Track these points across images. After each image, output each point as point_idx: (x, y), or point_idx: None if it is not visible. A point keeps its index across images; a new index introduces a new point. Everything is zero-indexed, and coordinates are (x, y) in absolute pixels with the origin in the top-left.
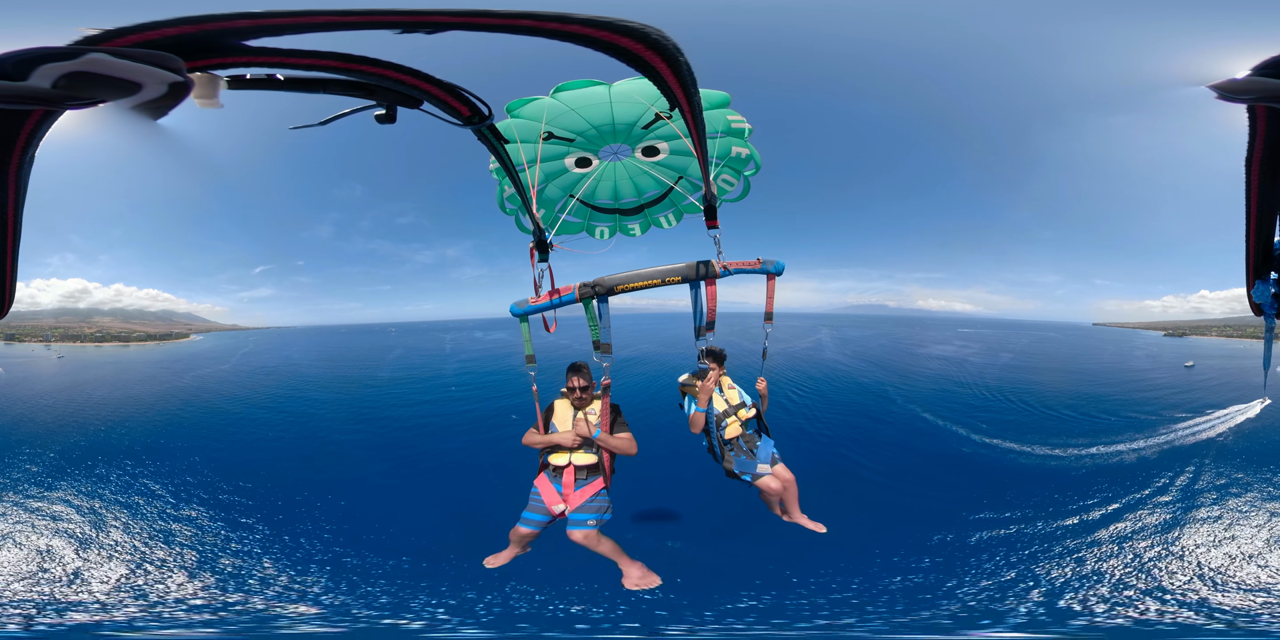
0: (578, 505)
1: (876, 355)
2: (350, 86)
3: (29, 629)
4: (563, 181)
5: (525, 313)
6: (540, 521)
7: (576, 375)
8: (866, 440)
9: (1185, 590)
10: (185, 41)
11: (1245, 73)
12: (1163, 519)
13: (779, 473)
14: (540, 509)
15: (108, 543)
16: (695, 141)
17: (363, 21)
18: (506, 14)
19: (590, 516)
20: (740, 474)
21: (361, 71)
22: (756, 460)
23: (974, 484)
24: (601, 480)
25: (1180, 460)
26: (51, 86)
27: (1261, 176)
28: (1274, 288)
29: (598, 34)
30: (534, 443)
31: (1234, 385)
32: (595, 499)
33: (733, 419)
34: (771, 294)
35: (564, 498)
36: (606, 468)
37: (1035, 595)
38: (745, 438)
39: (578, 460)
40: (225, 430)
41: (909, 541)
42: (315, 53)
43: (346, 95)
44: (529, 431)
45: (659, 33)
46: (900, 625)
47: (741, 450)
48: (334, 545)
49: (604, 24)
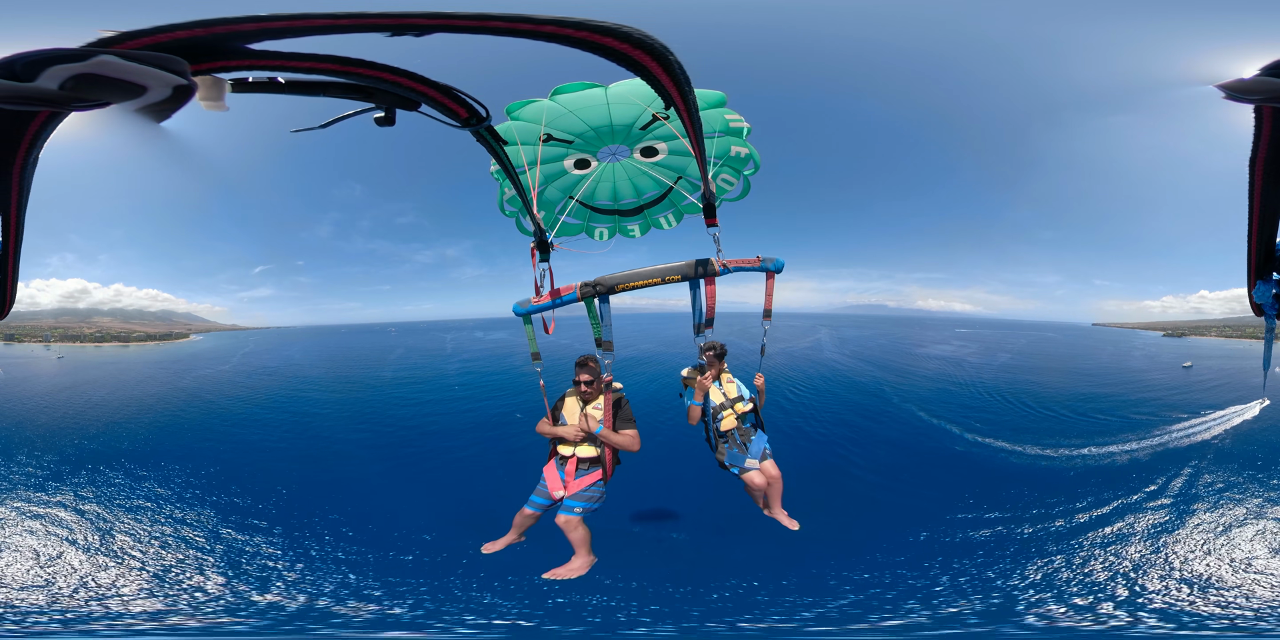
0: (573, 493)
1: (874, 355)
2: (349, 89)
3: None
4: (562, 183)
5: (528, 312)
6: (541, 505)
7: (583, 370)
8: (860, 438)
9: (1173, 595)
10: (192, 45)
11: (1254, 73)
12: (1154, 522)
13: (766, 469)
14: (544, 493)
15: (120, 548)
16: (692, 139)
17: (358, 24)
18: (488, 17)
19: (579, 505)
20: (730, 466)
21: (359, 74)
22: (748, 454)
23: (963, 483)
24: (600, 472)
25: (1176, 462)
26: (59, 88)
27: (1265, 177)
28: (1275, 288)
29: (582, 35)
30: (544, 432)
31: (1232, 386)
32: (590, 489)
33: (729, 412)
34: (770, 292)
35: (564, 484)
36: (608, 462)
37: (994, 597)
38: (740, 431)
39: (581, 452)
40: (228, 432)
41: (889, 539)
42: (314, 56)
43: (346, 98)
44: (542, 421)
45: (640, 32)
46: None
47: (735, 443)
48: (357, 546)
49: (587, 26)
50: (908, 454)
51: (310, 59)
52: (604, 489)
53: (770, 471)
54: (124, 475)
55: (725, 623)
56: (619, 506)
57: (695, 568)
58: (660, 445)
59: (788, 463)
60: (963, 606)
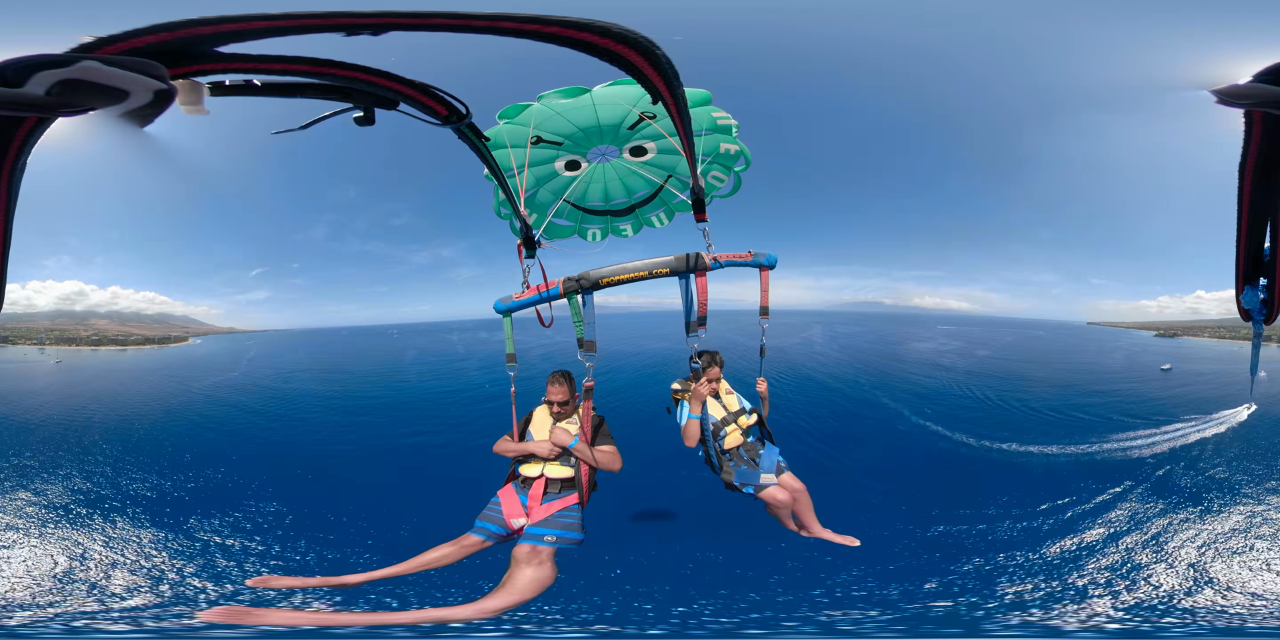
0: (539, 520)
1: (860, 348)
2: (325, 90)
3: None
4: (554, 185)
5: (509, 309)
6: (494, 533)
7: (555, 386)
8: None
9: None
10: (165, 49)
11: (1247, 79)
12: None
13: (786, 482)
14: (497, 519)
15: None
16: (680, 134)
17: (328, 23)
18: (471, 17)
19: (550, 532)
20: (741, 486)
21: (332, 75)
22: (759, 470)
23: (892, 458)
24: (576, 496)
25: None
26: (45, 93)
27: (1254, 182)
28: (1263, 293)
29: (566, 33)
30: (505, 450)
31: (1207, 397)
32: (564, 514)
33: (732, 427)
34: (766, 287)
35: (526, 511)
36: (584, 483)
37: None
38: (746, 447)
39: (551, 472)
40: (265, 456)
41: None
42: (286, 58)
43: (323, 98)
44: (502, 439)
45: (621, 27)
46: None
47: (742, 460)
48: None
49: (570, 23)
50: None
51: (282, 61)
52: (581, 517)
53: (792, 484)
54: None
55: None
56: (608, 525)
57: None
58: (658, 446)
59: (800, 472)
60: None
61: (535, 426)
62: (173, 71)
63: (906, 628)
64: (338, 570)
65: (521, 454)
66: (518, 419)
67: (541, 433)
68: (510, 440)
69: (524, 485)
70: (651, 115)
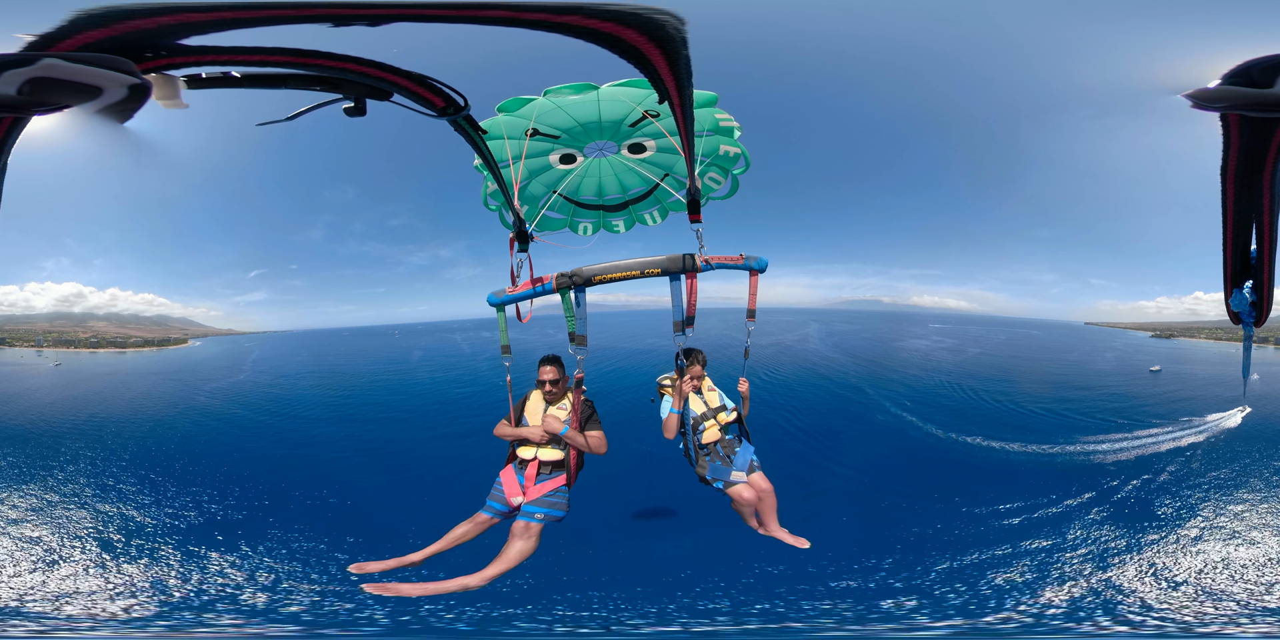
0: (533, 498)
1: (855, 346)
2: (311, 80)
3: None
4: (547, 178)
5: (502, 303)
6: (499, 511)
7: (547, 367)
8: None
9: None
10: (127, 42)
11: (1216, 81)
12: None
13: (755, 482)
14: (500, 498)
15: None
16: (682, 134)
17: (318, 14)
18: (486, 6)
19: (541, 511)
20: (712, 480)
21: (321, 66)
22: (732, 467)
23: (871, 448)
24: (564, 477)
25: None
26: (16, 93)
27: (1237, 186)
28: (1251, 296)
29: (591, 24)
30: (503, 434)
31: (1195, 399)
32: (553, 495)
33: (711, 423)
34: (754, 291)
35: (523, 490)
36: (572, 465)
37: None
38: (724, 443)
39: (543, 455)
40: (288, 468)
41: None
42: (264, 49)
43: (309, 89)
44: (500, 423)
45: (673, 24)
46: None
47: (718, 456)
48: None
49: (611, 13)
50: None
51: (261, 52)
52: (568, 496)
53: (760, 484)
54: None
55: None
56: (595, 509)
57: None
58: (643, 440)
59: (775, 473)
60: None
61: (530, 411)
62: (144, 66)
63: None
64: (399, 551)
65: (517, 438)
66: (514, 404)
67: (535, 417)
68: (508, 424)
69: (521, 466)
70: (655, 113)
